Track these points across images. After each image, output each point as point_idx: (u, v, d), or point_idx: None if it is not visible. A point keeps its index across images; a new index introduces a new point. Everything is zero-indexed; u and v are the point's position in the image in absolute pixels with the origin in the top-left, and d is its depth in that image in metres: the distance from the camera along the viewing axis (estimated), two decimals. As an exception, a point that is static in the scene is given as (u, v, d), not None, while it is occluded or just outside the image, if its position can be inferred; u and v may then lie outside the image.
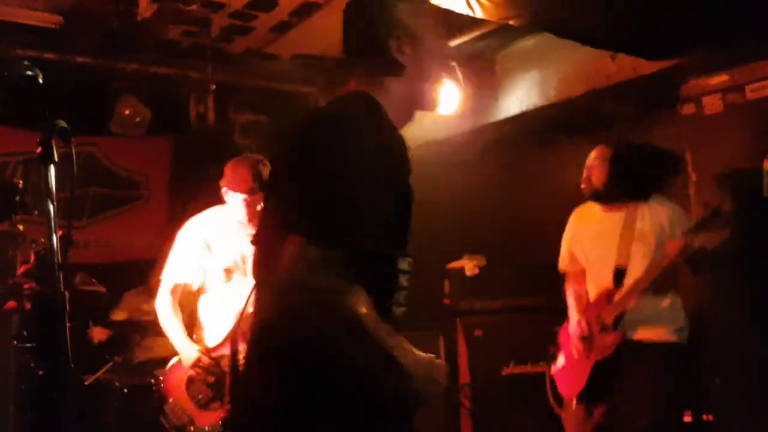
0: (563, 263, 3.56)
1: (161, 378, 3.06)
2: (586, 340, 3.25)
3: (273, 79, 5.37)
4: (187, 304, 3.23)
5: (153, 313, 4.66)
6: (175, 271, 3.11)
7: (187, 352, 3.02)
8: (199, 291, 3.17)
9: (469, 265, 5.24)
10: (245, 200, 3.02)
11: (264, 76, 5.33)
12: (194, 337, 3.14)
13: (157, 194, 5.62)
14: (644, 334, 3.14)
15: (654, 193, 3.26)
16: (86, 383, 4.03)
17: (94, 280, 3.96)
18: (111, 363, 4.13)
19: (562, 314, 3.58)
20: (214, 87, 4.89)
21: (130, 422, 4.04)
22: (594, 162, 3.36)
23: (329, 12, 4.33)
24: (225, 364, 2.95)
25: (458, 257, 5.30)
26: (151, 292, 4.81)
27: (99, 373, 4.10)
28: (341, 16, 1.71)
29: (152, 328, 4.44)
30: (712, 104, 3.95)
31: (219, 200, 3.30)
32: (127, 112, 4.89)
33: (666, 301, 3.17)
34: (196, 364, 2.98)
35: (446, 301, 5.20)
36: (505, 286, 5.00)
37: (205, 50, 4.81)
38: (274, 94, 5.45)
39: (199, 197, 5.32)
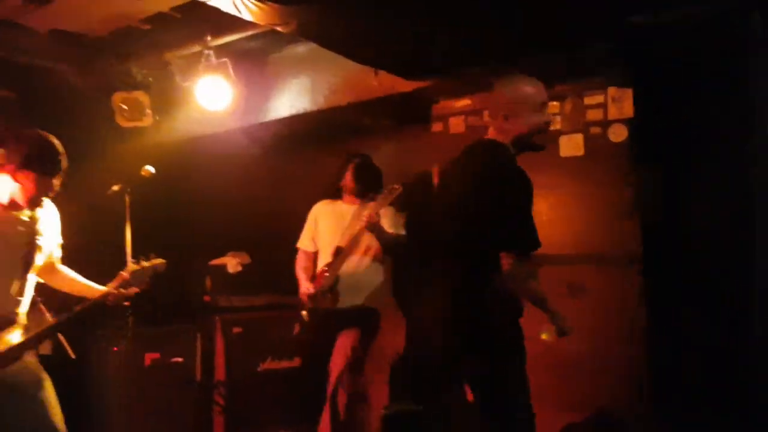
0: (302, 243, 4.45)
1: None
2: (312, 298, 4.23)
3: (25, 54, 4.92)
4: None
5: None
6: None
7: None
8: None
9: (232, 262, 5.25)
10: (39, 180, 2.80)
11: (14, 50, 4.86)
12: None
13: None
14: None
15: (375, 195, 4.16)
16: None
17: None
18: None
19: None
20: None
21: None
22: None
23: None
24: None
25: (222, 254, 5.29)
26: None
27: None
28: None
29: None
30: (457, 125, 4.41)
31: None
32: None
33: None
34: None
35: (206, 298, 5.16)
36: (266, 284, 5.10)
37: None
38: (25, 70, 5.00)
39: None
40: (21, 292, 2.84)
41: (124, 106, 4.98)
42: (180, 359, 4.81)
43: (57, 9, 4.42)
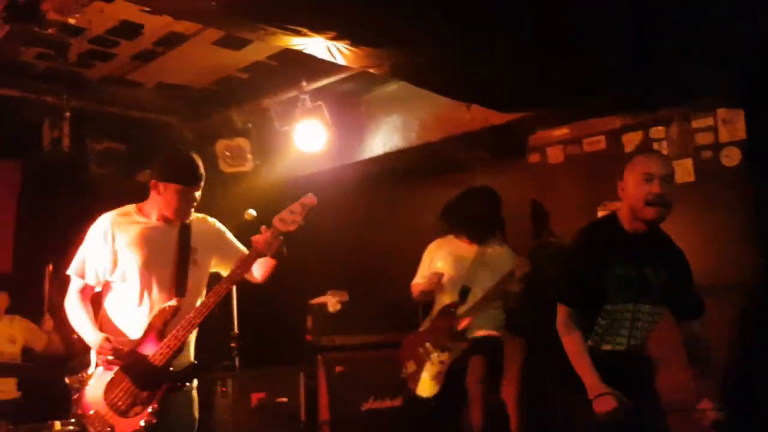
0: (421, 280, 4.15)
1: (78, 393, 2.85)
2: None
3: (133, 108, 5.22)
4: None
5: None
6: (80, 268, 2.93)
7: (94, 336, 2.83)
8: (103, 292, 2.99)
9: (331, 301, 5.28)
10: (180, 191, 2.87)
11: (124, 104, 5.16)
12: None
13: (2, 223, 5.25)
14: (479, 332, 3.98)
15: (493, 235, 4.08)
16: None
17: None
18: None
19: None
20: (69, 114, 4.67)
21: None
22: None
23: (195, 43, 4.31)
24: (145, 362, 2.79)
25: (321, 293, 5.34)
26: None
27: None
28: (207, 48, 1.83)
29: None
30: (555, 155, 4.30)
31: (66, 233, 3.15)
32: (-31, 134, 4.57)
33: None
34: (114, 354, 2.78)
35: (308, 337, 5.20)
36: (367, 321, 5.09)
37: (61, 74, 4.61)
38: (133, 123, 5.29)
39: (48, 229, 5.08)
40: (181, 292, 2.90)
41: (227, 153, 5.18)
42: (285, 399, 4.86)
43: (162, 64, 4.68)
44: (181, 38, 4.28)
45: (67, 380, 3.74)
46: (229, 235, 3.17)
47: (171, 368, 2.80)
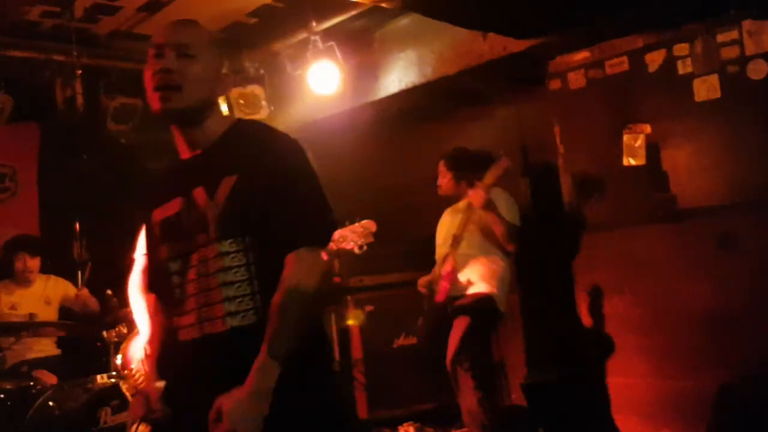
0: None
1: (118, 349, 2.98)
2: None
3: (144, 61, 5.14)
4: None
5: (22, 310, 4.43)
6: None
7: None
8: None
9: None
10: None
11: (135, 59, 5.09)
12: None
13: (26, 186, 5.28)
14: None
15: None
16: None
17: None
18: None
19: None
20: (81, 71, 4.62)
21: (12, 429, 3.84)
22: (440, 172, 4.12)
23: (201, -9, 4.22)
24: None
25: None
26: (17, 284, 4.58)
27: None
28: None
29: (27, 327, 4.22)
30: (576, 80, 4.20)
31: (89, 191, 3.16)
32: (-16, 100, 4.55)
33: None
34: None
35: (336, 279, 5.25)
36: (392, 261, 5.12)
37: (68, 32, 4.54)
38: (146, 77, 5.23)
39: (71, 188, 5.11)
40: None
41: (241, 101, 5.12)
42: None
43: (167, 15, 4.58)
44: (185, -15, 4.19)
45: (104, 335, 3.84)
46: None
47: None
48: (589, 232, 4.13)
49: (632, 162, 3.97)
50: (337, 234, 2.89)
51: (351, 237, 2.90)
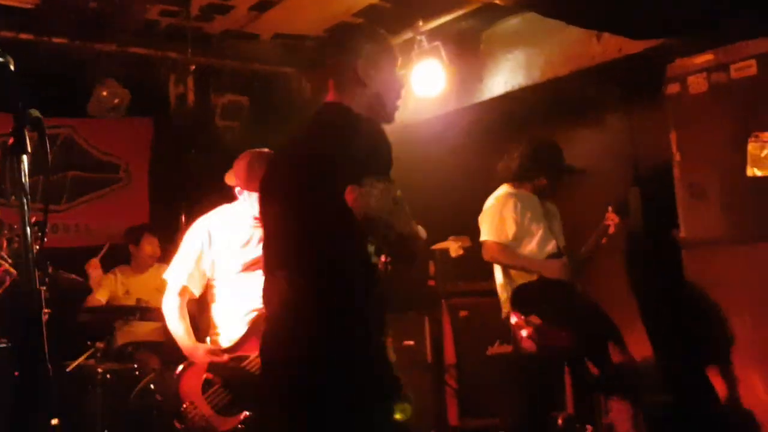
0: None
1: (176, 380, 2.91)
2: None
3: (253, 60, 5.28)
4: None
5: (134, 295, 4.63)
6: (181, 272, 2.99)
7: (195, 353, 2.88)
8: (209, 292, 3.05)
9: (453, 246, 5.22)
10: None
11: (244, 57, 5.23)
12: (209, 339, 3.02)
13: (138, 177, 5.53)
14: None
15: None
16: (67, 370, 3.98)
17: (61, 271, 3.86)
18: (92, 349, 4.07)
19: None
20: (194, 68, 4.79)
21: (114, 408, 4.00)
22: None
23: (310, -9, 4.27)
24: (244, 365, 2.86)
25: (443, 239, 5.28)
26: (136, 265, 4.80)
27: (80, 360, 4.04)
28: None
29: (136, 311, 4.40)
30: (697, 84, 3.93)
31: (196, 184, 3.25)
32: (105, 93, 4.78)
33: None
34: (212, 367, 2.85)
35: (431, 282, 5.19)
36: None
37: (184, 31, 4.71)
38: (254, 75, 5.36)
39: (180, 181, 5.30)
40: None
41: (345, 101, 5.14)
42: (412, 342, 4.91)
43: (276, 14, 4.68)
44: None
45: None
46: None
47: None
48: (707, 248, 3.86)
49: (757, 173, 3.68)
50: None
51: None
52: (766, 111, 3.68)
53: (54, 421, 1.38)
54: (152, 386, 3.86)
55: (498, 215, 3.79)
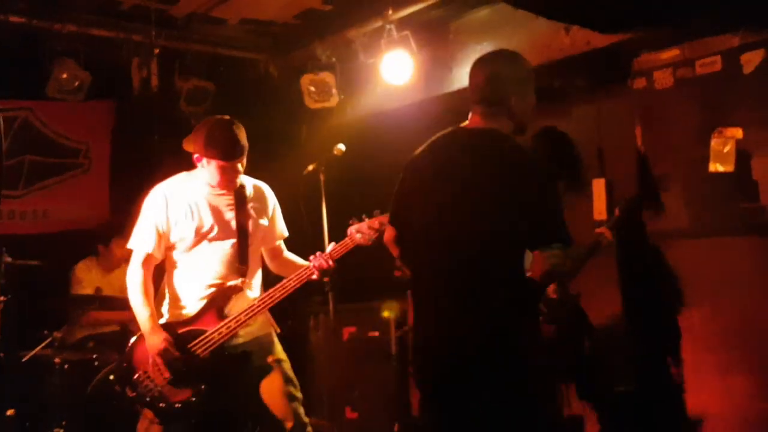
0: None
1: (128, 349, 2.91)
2: None
3: (220, 45, 5.18)
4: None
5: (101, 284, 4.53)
6: (145, 239, 2.93)
7: (153, 338, 2.83)
8: (167, 261, 3.00)
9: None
10: (222, 166, 2.86)
11: (211, 42, 5.13)
12: (166, 310, 2.99)
13: (98, 163, 5.39)
14: None
15: None
16: (23, 360, 3.87)
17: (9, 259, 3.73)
18: (50, 339, 3.97)
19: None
20: (158, 51, 4.67)
21: (71, 399, 3.91)
22: None
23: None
24: (200, 340, 2.84)
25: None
26: (105, 263, 4.70)
27: (36, 350, 3.93)
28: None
29: (95, 300, 4.30)
30: (663, 79, 3.98)
31: (163, 170, 3.17)
32: (64, 75, 4.63)
33: None
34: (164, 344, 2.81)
35: (396, 273, 5.17)
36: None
37: (148, 12, 4.59)
38: (221, 60, 5.26)
39: (142, 168, 5.18)
40: (243, 261, 2.94)
41: (312, 88, 5.09)
42: (376, 333, 4.90)
43: (244, -1, 4.59)
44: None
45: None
46: (279, 212, 3.15)
47: (225, 352, 2.83)
48: (670, 240, 3.92)
49: (720, 168, 3.75)
50: (354, 228, 2.88)
51: (369, 233, 2.87)
52: (730, 107, 3.75)
53: (9, 412, 1.32)
54: (111, 377, 3.77)
55: None
